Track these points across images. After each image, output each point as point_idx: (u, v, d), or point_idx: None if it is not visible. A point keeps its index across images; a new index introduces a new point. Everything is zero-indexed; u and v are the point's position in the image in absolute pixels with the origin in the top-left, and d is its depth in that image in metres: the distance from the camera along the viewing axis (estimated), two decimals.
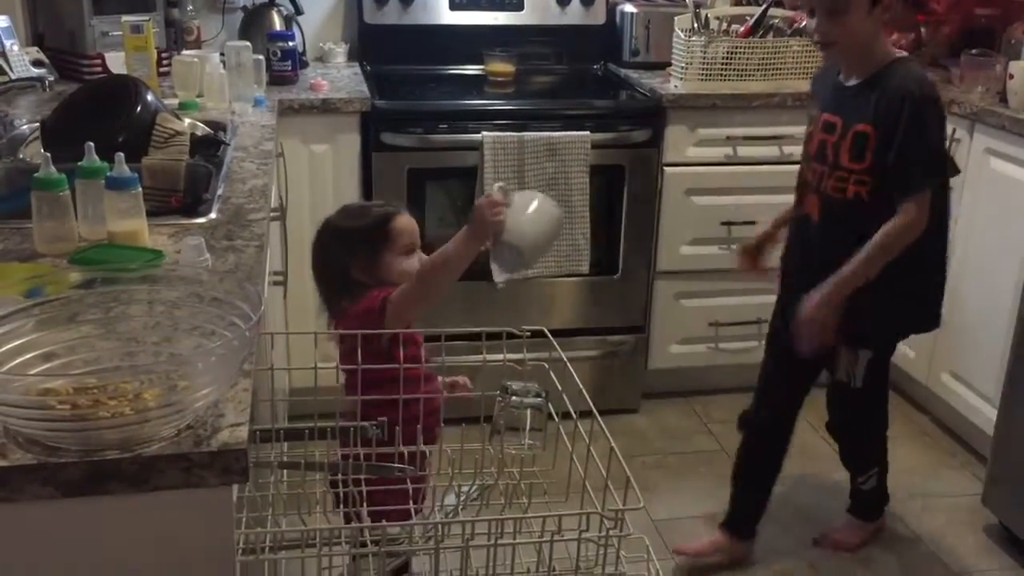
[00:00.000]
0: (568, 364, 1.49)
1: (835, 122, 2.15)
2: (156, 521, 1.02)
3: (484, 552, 1.27)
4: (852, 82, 2.14)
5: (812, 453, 3.01)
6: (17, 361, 1.07)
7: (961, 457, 3.03)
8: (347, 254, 1.86)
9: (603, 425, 1.30)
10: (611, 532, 1.21)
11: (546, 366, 1.52)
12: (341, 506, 1.56)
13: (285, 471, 1.48)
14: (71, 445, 0.99)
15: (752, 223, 3.08)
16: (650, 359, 3.23)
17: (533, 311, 3.03)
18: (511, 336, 1.54)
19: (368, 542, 1.29)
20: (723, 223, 3.09)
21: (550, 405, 1.47)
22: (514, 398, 1.47)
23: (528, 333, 1.54)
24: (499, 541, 1.26)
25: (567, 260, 2.99)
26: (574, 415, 1.40)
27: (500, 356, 1.51)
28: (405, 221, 1.88)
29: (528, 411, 1.47)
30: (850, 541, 2.60)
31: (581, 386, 1.41)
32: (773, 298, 3.07)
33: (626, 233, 3.07)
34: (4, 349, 1.07)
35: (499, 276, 2.91)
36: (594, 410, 1.33)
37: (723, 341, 3.23)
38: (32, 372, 1.07)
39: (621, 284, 3.12)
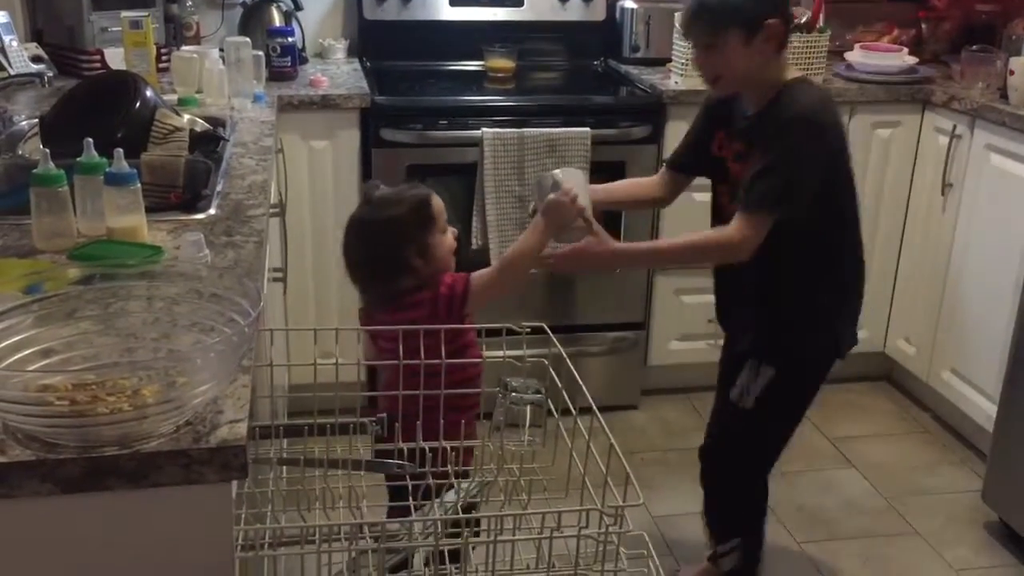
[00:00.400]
0: (568, 360, 1.48)
1: (742, 150, 1.99)
2: (155, 517, 1.02)
3: (483, 549, 1.27)
4: (750, 112, 1.98)
5: (813, 450, 3.02)
6: (16, 357, 1.07)
7: (961, 454, 3.03)
8: (401, 241, 1.83)
9: (603, 422, 1.29)
10: (611, 529, 1.21)
11: (545, 362, 1.52)
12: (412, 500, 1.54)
13: (284, 467, 1.48)
14: (70, 441, 0.99)
15: None
16: (650, 355, 3.23)
17: (533, 307, 3.02)
18: (511, 332, 1.54)
19: (368, 538, 1.29)
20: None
21: (550, 401, 1.47)
22: (514, 394, 1.47)
23: (528, 329, 1.54)
24: (499, 537, 1.26)
25: None
26: (574, 411, 1.40)
27: (500, 352, 1.51)
28: (437, 199, 1.89)
29: (528, 407, 1.47)
30: None
31: (581, 382, 1.40)
32: None
33: (626, 229, 3.06)
34: (2, 345, 1.07)
35: None
36: (594, 407, 1.33)
37: (723, 337, 3.22)
38: (31, 368, 1.06)
39: (621, 280, 3.11)
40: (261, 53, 2.82)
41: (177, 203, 1.80)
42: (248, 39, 2.75)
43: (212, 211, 1.74)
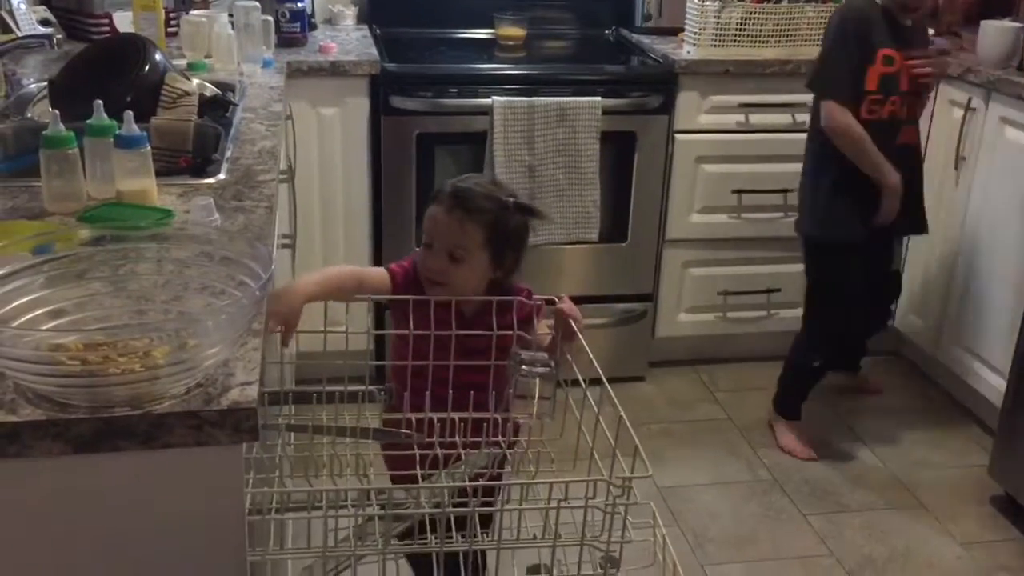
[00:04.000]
0: (579, 333, 1.47)
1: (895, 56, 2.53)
2: (166, 478, 1.02)
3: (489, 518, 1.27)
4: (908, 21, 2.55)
5: (821, 424, 3.02)
6: (27, 317, 1.06)
7: (969, 428, 3.02)
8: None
9: (612, 394, 1.29)
10: (618, 500, 1.20)
11: (554, 332, 1.51)
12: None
13: (292, 434, 1.48)
14: (81, 401, 0.99)
15: (762, 191, 3.07)
16: (658, 327, 3.22)
17: (542, 278, 3.01)
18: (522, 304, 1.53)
19: (374, 505, 1.29)
20: (734, 191, 3.07)
21: (559, 373, 1.46)
22: (523, 367, 1.46)
23: (540, 301, 1.53)
24: (505, 507, 1.26)
25: (576, 227, 2.97)
26: (583, 383, 1.39)
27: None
28: (435, 215, 1.63)
29: (537, 379, 1.46)
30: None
31: (591, 355, 1.39)
32: (781, 268, 3.06)
33: (636, 201, 3.05)
34: (14, 305, 1.06)
35: None
36: (603, 378, 1.32)
37: (731, 310, 3.22)
38: (42, 328, 1.06)
39: (630, 252, 3.10)
40: (270, 18, 2.80)
41: (187, 167, 1.80)
42: (257, 4, 2.72)
43: (222, 176, 1.73)
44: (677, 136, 3.01)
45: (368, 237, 2.98)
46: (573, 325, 1.52)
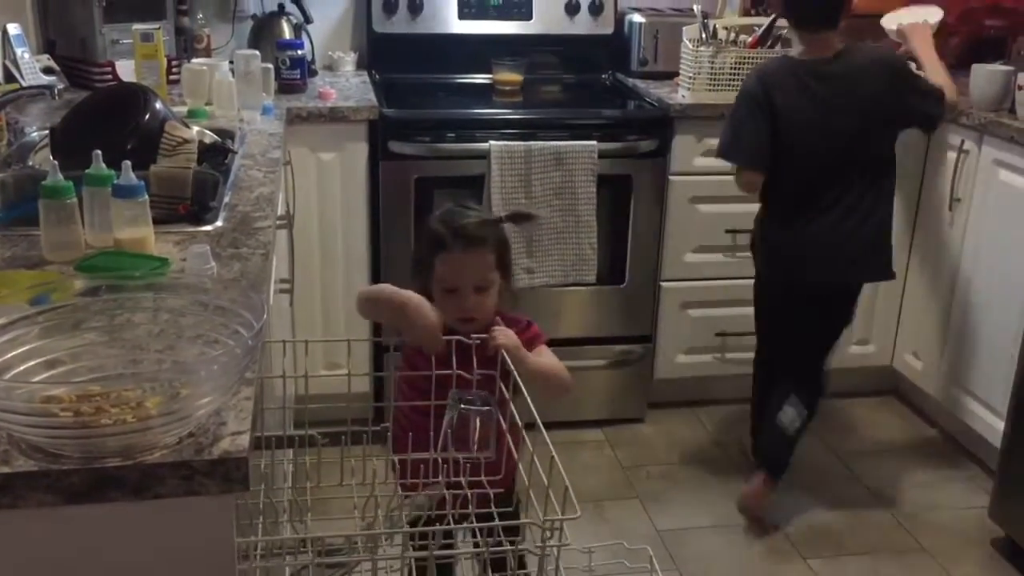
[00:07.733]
0: (516, 375, 1.46)
1: None
2: (157, 529, 1.02)
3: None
4: None
5: (820, 466, 3.01)
6: (21, 368, 1.07)
7: (968, 470, 3.01)
8: (417, 244, 1.84)
9: (546, 435, 1.27)
10: (548, 542, 1.19)
11: (495, 374, 1.49)
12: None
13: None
14: (73, 452, 0.99)
15: None
16: (656, 368, 3.22)
17: (540, 320, 3.01)
18: (461, 344, 1.53)
19: (310, 552, 1.27)
20: (727, 231, 3.09)
21: (499, 414, 1.44)
22: (462, 407, 1.45)
23: (478, 341, 1.54)
24: (436, 552, 1.25)
25: (574, 269, 2.99)
26: (519, 423, 1.36)
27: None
28: (454, 260, 1.69)
29: (478, 420, 1.44)
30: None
31: (528, 398, 1.37)
32: None
33: (633, 243, 3.06)
34: (8, 356, 1.07)
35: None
36: (538, 421, 1.30)
37: (729, 351, 3.23)
38: (35, 379, 1.07)
39: (628, 293, 3.12)
40: (270, 65, 2.84)
41: (185, 215, 1.81)
42: (257, 52, 2.76)
43: (219, 223, 1.75)
44: (672, 178, 3.03)
45: (367, 281, 2.99)
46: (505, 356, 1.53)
